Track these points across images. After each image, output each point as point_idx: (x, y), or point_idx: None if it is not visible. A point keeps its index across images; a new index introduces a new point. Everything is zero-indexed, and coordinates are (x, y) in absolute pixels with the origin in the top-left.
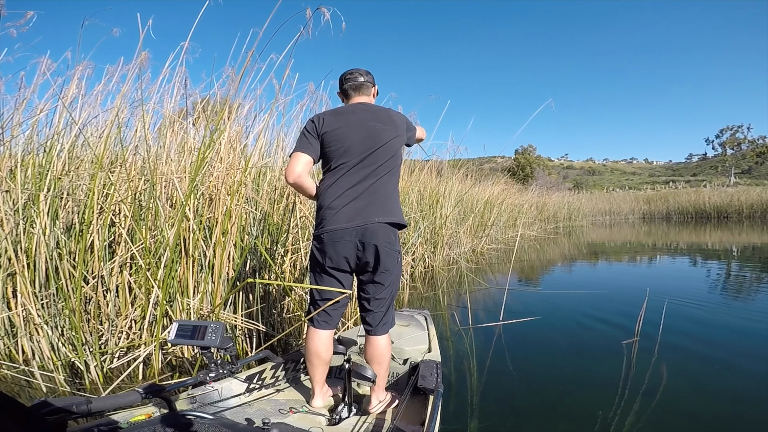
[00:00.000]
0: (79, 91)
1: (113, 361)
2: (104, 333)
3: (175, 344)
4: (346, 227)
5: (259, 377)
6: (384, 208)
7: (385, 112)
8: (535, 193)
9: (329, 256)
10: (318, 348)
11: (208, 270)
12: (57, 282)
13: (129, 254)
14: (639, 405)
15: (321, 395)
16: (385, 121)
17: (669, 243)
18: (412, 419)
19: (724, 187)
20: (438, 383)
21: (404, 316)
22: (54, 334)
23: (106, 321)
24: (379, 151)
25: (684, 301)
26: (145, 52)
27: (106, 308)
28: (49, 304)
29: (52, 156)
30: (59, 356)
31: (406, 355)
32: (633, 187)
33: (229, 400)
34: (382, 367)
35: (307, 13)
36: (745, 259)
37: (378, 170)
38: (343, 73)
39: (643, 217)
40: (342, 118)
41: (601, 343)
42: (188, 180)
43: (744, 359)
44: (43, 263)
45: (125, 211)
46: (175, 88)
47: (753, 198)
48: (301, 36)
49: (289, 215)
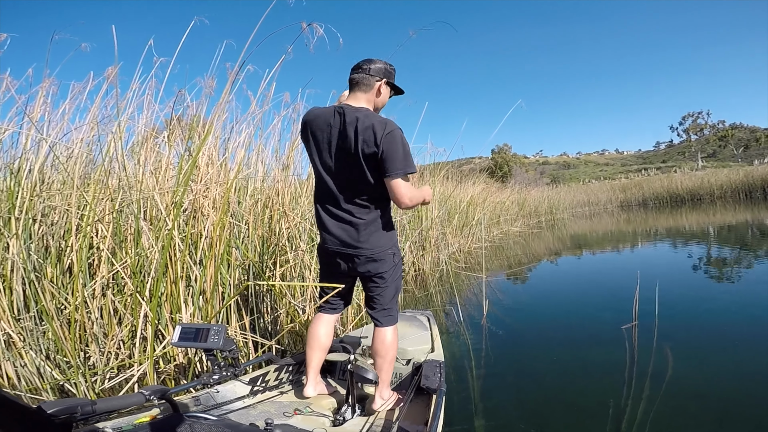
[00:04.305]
0: (46, 109)
1: (104, 381)
2: (92, 355)
3: (178, 347)
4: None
5: (262, 379)
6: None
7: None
8: (515, 190)
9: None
10: (319, 331)
11: (197, 285)
12: (39, 304)
13: (111, 275)
14: (649, 390)
15: (313, 384)
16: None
17: (649, 228)
18: (416, 419)
19: (693, 171)
20: (441, 383)
21: (407, 316)
22: (38, 357)
23: (92, 342)
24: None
25: (675, 282)
26: (113, 67)
27: (92, 329)
28: (30, 328)
29: (21, 177)
30: (46, 379)
31: (409, 356)
32: (608, 177)
33: (232, 403)
34: (385, 362)
35: (302, 26)
36: (723, 239)
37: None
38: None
39: (620, 206)
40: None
41: (600, 330)
42: (169, 196)
43: (742, 335)
44: (20, 286)
45: (104, 231)
46: (146, 102)
47: (722, 179)
48: (288, 46)
49: (276, 226)
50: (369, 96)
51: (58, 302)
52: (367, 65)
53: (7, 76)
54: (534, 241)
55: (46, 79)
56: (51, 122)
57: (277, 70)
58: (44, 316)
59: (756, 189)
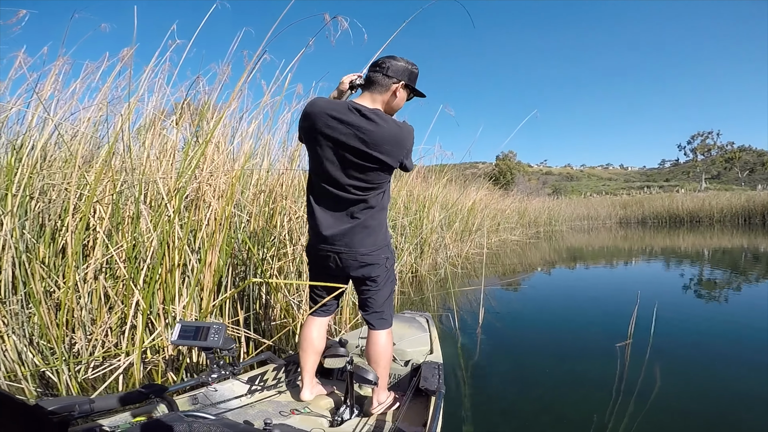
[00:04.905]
0: (56, 87)
1: (88, 370)
2: (77, 341)
3: (177, 345)
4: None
5: (260, 379)
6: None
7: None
8: (516, 198)
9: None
10: (312, 334)
11: (193, 275)
12: (27, 286)
13: (105, 259)
14: (633, 407)
15: (309, 387)
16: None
17: (645, 247)
18: (414, 421)
19: (695, 192)
20: (440, 384)
21: (406, 318)
22: (21, 342)
23: (79, 328)
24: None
25: (667, 302)
26: (129, 48)
27: (80, 314)
28: (16, 311)
29: (23, 154)
30: (27, 366)
31: (407, 357)
32: (610, 192)
33: (230, 402)
34: (379, 366)
35: (325, 18)
36: (716, 262)
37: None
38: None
39: (619, 222)
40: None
41: (594, 346)
42: (173, 180)
43: (730, 357)
44: (9, 266)
45: (101, 213)
46: (158, 85)
47: (723, 203)
48: (310, 38)
49: (277, 219)
50: (384, 98)
51: (47, 285)
52: (386, 63)
53: (22, 53)
54: (530, 251)
55: (60, 58)
56: (60, 101)
57: (296, 64)
58: (31, 299)
59: (756, 215)
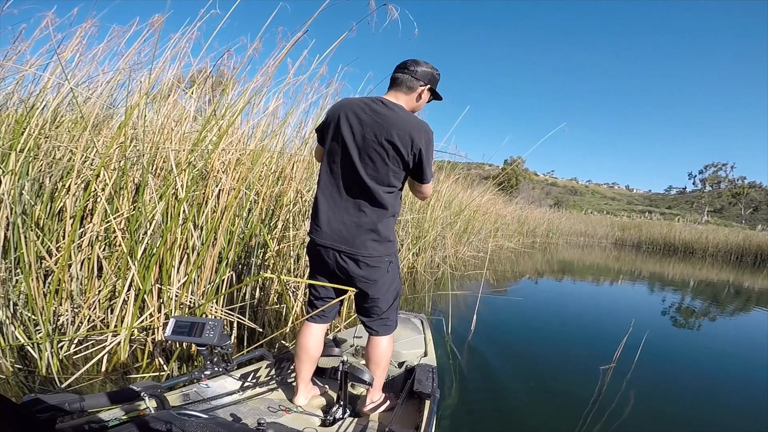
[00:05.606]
0: (79, 50)
1: (71, 347)
2: (63, 314)
3: (171, 340)
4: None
5: (253, 376)
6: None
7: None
8: (519, 205)
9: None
10: (308, 342)
11: (194, 254)
12: (18, 251)
13: (103, 227)
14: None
15: (304, 393)
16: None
17: (634, 270)
18: (406, 423)
19: (695, 223)
20: (434, 388)
21: (401, 318)
22: (4, 314)
23: (67, 299)
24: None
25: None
26: (161, 15)
27: (69, 286)
28: (4, 277)
29: (34, 113)
30: (6, 339)
31: (402, 358)
32: (611, 212)
33: (222, 398)
34: (379, 368)
35: (371, 5)
36: (699, 292)
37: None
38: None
39: (615, 243)
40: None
41: (577, 366)
42: (185, 154)
43: (703, 387)
44: (2, 229)
45: (106, 179)
46: (181, 54)
47: (719, 238)
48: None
49: (284, 200)
50: (409, 98)
51: (39, 250)
52: (413, 66)
53: (51, 14)
54: (524, 259)
55: (89, 20)
56: (80, 63)
57: (332, 51)
58: (20, 266)
59: (749, 254)
